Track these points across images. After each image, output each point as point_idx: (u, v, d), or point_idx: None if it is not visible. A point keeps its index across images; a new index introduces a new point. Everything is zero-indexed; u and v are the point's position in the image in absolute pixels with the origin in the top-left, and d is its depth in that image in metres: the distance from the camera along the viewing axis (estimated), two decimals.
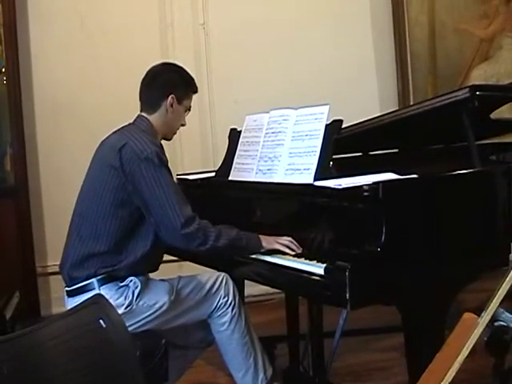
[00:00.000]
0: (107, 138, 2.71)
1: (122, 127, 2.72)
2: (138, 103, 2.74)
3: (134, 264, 2.55)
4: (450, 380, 1.69)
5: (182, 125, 2.82)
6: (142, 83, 2.77)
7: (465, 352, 1.68)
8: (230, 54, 5.00)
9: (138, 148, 2.52)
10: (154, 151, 2.51)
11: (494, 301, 1.74)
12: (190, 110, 2.82)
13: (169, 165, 2.71)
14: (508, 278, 1.75)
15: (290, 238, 2.54)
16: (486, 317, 1.74)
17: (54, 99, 4.74)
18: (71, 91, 4.76)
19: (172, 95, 2.70)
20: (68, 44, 4.78)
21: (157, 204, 2.48)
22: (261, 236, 2.58)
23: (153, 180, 2.49)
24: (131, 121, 2.74)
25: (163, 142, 2.77)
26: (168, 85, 2.72)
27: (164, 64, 2.86)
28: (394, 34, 5.30)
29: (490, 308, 1.74)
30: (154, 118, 2.72)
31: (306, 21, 5.12)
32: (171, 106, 2.71)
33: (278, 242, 2.54)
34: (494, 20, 5.39)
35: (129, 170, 2.51)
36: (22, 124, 4.62)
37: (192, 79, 2.82)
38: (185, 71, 2.81)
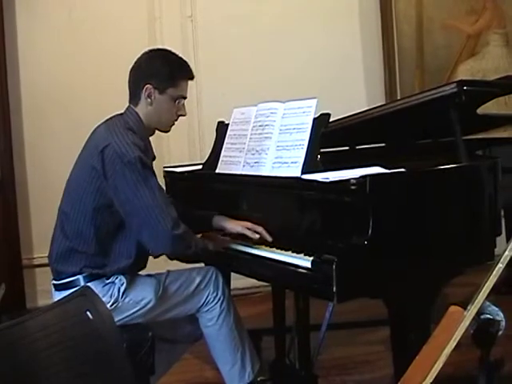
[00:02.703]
0: (98, 126, 2.63)
1: (112, 117, 2.63)
2: (126, 95, 2.72)
3: (119, 265, 2.53)
4: (436, 372, 1.70)
5: (182, 115, 2.67)
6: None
7: (452, 344, 1.70)
8: (217, 47, 4.99)
9: (120, 151, 2.42)
10: (136, 156, 2.40)
11: (480, 294, 1.76)
12: (185, 98, 2.66)
13: (156, 157, 2.70)
14: (495, 272, 1.77)
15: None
16: (473, 310, 1.75)
17: (42, 91, 4.71)
18: (59, 83, 4.73)
19: (148, 85, 2.57)
20: (55, 35, 4.75)
21: (143, 208, 2.39)
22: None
23: (138, 184, 2.40)
24: (122, 111, 2.67)
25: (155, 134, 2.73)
26: (144, 74, 2.59)
27: (149, 51, 2.68)
28: (381, 29, 5.30)
29: (476, 301, 1.75)
30: (139, 110, 2.61)
31: (294, 14, 5.12)
32: (149, 96, 2.58)
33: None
34: (481, 16, 5.41)
35: (110, 173, 2.42)
36: (9, 116, 4.59)
37: (181, 65, 2.64)
38: (171, 58, 2.65)
